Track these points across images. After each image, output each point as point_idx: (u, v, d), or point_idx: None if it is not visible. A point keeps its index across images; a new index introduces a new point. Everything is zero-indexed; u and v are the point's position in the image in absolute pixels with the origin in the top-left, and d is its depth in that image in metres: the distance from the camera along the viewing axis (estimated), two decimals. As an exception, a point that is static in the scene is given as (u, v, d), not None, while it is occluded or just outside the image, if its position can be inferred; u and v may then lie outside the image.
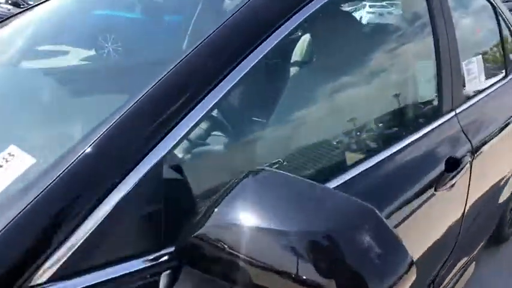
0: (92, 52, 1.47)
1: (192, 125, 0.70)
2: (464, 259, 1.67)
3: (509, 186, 1.98)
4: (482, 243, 1.88)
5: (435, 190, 1.14)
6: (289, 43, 1.53)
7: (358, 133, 1.10)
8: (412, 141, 1.12)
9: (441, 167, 1.17)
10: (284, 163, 0.92)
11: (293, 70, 1.53)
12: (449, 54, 1.32)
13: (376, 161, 1.01)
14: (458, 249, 1.50)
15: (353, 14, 3.31)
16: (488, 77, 1.70)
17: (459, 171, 1.21)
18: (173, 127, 0.68)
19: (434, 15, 1.28)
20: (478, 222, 1.67)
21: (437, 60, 1.29)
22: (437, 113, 1.27)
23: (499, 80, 1.76)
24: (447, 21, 1.33)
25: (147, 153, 0.65)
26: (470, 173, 1.32)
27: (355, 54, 1.23)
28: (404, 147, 1.09)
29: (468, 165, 1.28)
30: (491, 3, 1.90)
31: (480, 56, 1.67)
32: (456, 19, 1.45)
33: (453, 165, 1.20)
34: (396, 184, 1.06)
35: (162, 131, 0.68)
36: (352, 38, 1.28)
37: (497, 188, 1.80)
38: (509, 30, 2.06)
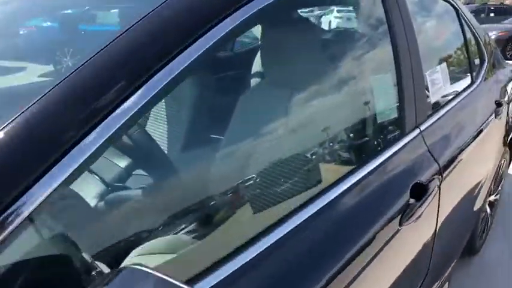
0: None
1: (90, 153, 0.54)
2: (437, 282, 1.55)
3: (481, 197, 1.88)
4: (454, 262, 1.77)
5: (400, 225, 0.99)
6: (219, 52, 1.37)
7: (309, 164, 0.94)
8: (372, 170, 0.97)
9: (406, 195, 1.03)
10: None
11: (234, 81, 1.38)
12: (410, 64, 1.19)
13: (334, 196, 0.87)
14: (431, 274, 1.37)
15: (322, 18, 3.21)
16: (453, 86, 1.58)
17: (426, 199, 1.07)
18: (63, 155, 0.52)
19: (393, 25, 1.14)
20: (450, 243, 1.55)
21: (398, 72, 1.15)
22: (399, 133, 1.13)
23: (465, 89, 1.65)
24: (407, 28, 1.20)
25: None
26: (439, 198, 1.18)
27: (305, 68, 1.08)
28: (363, 177, 0.94)
29: (436, 189, 1.14)
30: (454, 6, 1.80)
31: (444, 63, 1.55)
32: (417, 25, 1.32)
33: (419, 192, 1.06)
34: (356, 221, 0.91)
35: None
36: (303, 49, 1.13)
37: (469, 203, 1.69)
38: (473, 33, 1.96)
